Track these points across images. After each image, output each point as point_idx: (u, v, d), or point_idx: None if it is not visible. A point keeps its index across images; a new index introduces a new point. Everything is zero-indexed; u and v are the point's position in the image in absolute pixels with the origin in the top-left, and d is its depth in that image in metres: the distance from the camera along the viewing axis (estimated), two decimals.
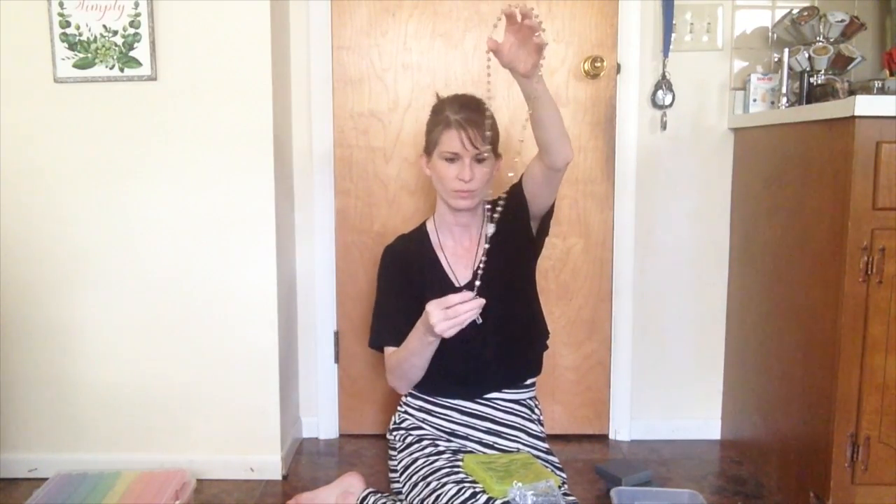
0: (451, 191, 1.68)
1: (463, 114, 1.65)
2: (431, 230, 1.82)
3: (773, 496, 2.00)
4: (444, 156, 1.67)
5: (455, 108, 1.67)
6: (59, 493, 1.88)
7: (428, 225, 1.84)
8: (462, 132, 1.63)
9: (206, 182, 2.03)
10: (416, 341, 1.59)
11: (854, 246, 1.66)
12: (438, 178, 1.70)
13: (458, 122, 1.64)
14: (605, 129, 2.31)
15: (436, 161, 1.69)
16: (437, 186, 1.74)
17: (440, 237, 1.80)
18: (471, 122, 1.63)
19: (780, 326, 1.99)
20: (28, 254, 2.05)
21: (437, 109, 1.73)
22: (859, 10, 2.18)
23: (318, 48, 2.27)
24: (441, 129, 1.66)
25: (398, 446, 1.73)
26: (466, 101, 1.70)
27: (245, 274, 2.06)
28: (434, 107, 1.76)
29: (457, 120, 1.64)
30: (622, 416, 2.40)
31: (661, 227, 2.35)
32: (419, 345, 1.58)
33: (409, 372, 1.69)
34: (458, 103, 1.69)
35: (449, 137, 1.65)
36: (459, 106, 1.67)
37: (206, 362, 2.09)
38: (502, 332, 1.72)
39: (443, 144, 1.66)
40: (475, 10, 2.26)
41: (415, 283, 1.73)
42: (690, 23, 2.26)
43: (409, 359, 1.64)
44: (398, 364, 1.69)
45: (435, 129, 1.69)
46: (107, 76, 1.98)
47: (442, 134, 1.66)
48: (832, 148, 1.72)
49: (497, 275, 1.53)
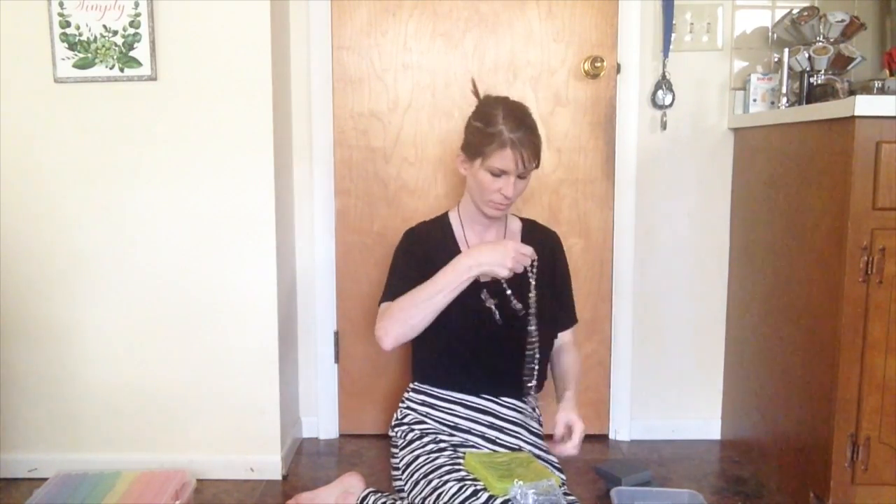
0: (489, 201, 1.67)
1: (520, 133, 1.61)
2: (455, 222, 1.81)
3: (773, 496, 2.00)
4: (491, 170, 1.64)
5: (511, 125, 1.61)
6: (59, 493, 1.88)
7: (451, 216, 1.82)
8: (517, 153, 1.60)
9: (206, 182, 2.03)
10: (451, 276, 1.58)
11: (854, 246, 1.66)
12: (478, 187, 1.68)
13: (513, 143, 1.60)
14: (605, 129, 2.31)
15: (479, 170, 1.66)
16: (473, 191, 1.71)
17: (465, 230, 1.79)
18: (526, 143, 1.61)
19: (780, 326, 1.99)
20: (28, 254, 2.05)
21: (488, 119, 1.64)
22: (859, 10, 2.18)
23: (318, 48, 2.27)
24: (496, 146, 1.61)
25: (400, 443, 1.73)
26: (522, 118, 1.64)
27: (245, 273, 2.06)
28: (484, 112, 1.68)
29: (513, 140, 1.60)
30: (622, 416, 2.40)
31: (661, 227, 2.35)
32: (453, 279, 1.58)
33: (419, 314, 1.61)
34: (515, 120, 1.62)
35: (503, 157, 1.61)
36: (516, 123, 1.62)
37: (207, 362, 2.09)
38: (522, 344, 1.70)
39: (494, 160, 1.62)
40: (475, 10, 2.26)
41: (435, 269, 1.68)
42: (690, 23, 2.26)
43: (432, 297, 1.59)
44: (412, 303, 1.61)
45: (487, 142, 1.62)
46: (107, 76, 1.98)
47: (496, 151, 1.61)
48: (832, 148, 1.72)
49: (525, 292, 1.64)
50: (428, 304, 1.60)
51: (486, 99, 1.73)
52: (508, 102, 1.69)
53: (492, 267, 1.56)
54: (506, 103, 1.68)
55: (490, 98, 1.73)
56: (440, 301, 1.60)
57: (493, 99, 1.72)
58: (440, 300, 1.60)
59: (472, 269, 1.57)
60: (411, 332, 1.64)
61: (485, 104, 1.71)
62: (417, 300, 1.61)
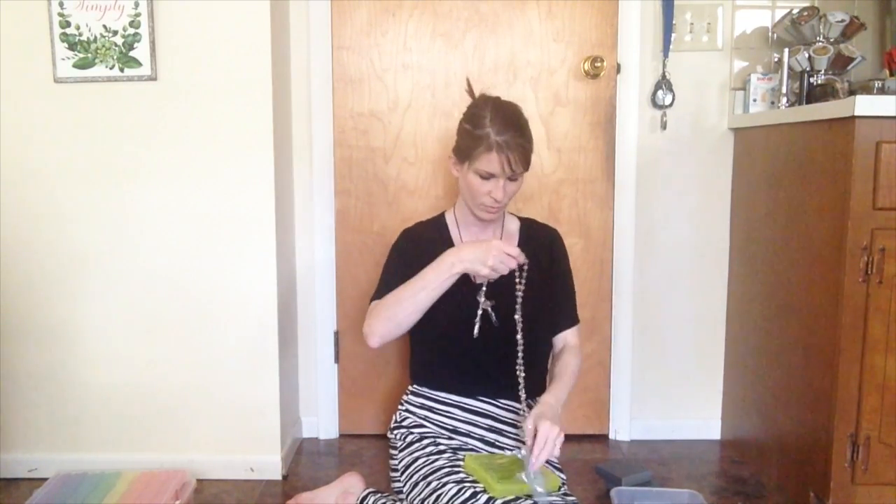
0: (480, 204, 1.66)
1: (507, 135, 1.56)
2: (451, 223, 1.79)
3: (773, 496, 2.00)
4: (479, 173, 1.61)
5: (498, 128, 1.56)
6: (59, 493, 1.88)
7: (447, 217, 1.81)
8: (503, 156, 1.57)
9: (206, 182, 2.03)
10: (434, 272, 1.57)
11: (854, 246, 1.66)
12: (469, 190, 1.66)
13: (500, 146, 1.56)
14: (605, 129, 2.31)
15: (468, 172, 1.63)
16: (465, 194, 1.70)
17: (461, 230, 1.78)
18: (513, 146, 1.57)
19: (780, 326, 1.99)
20: (28, 254, 2.05)
21: (476, 120, 1.60)
22: (859, 10, 2.18)
23: (318, 48, 2.27)
24: (483, 149, 1.58)
25: (399, 445, 1.73)
26: (510, 118, 1.60)
27: (245, 273, 2.06)
28: (472, 113, 1.64)
29: (499, 143, 1.56)
30: (622, 416, 2.40)
31: (661, 227, 2.35)
32: (435, 276, 1.56)
33: (402, 312, 1.60)
34: (502, 121, 1.58)
35: (490, 160, 1.58)
36: (503, 124, 1.57)
37: (207, 362, 2.09)
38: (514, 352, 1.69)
39: (481, 163, 1.59)
40: (475, 10, 2.26)
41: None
42: (690, 23, 2.26)
43: (416, 294, 1.58)
44: (396, 300, 1.61)
45: (474, 145, 1.59)
46: (107, 76, 1.98)
47: (483, 154, 1.58)
48: (832, 148, 1.72)
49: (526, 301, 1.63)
50: (411, 302, 1.59)
51: (477, 99, 1.69)
52: (498, 103, 1.64)
53: (473, 264, 1.53)
54: (495, 104, 1.63)
55: (481, 98, 1.68)
56: (424, 298, 1.59)
57: (483, 100, 1.67)
58: (423, 297, 1.59)
59: (454, 266, 1.55)
60: (397, 330, 1.63)
61: (474, 105, 1.67)
62: (401, 297, 1.60)
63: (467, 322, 1.66)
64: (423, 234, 1.79)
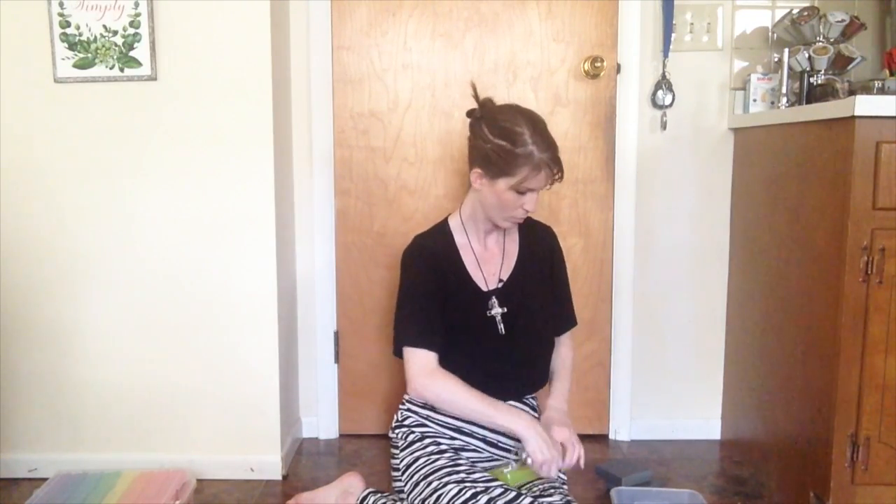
0: (510, 217, 1.65)
1: (549, 152, 1.58)
2: (457, 229, 1.75)
3: (773, 496, 2.00)
4: (519, 189, 1.60)
5: (542, 145, 1.57)
6: (59, 493, 1.88)
7: (451, 223, 1.77)
8: (550, 172, 1.59)
9: (206, 182, 2.03)
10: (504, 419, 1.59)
11: (854, 246, 1.66)
12: (500, 204, 1.63)
13: (547, 164, 1.57)
14: (605, 129, 2.31)
15: (502, 187, 1.60)
16: (490, 207, 1.66)
17: (469, 238, 1.75)
18: (556, 160, 1.59)
19: (780, 326, 1.99)
20: (28, 254, 2.05)
21: (514, 137, 1.58)
22: (859, 10, 2.18)
23: (318, 48, 2.27)
24: (529, 169, 1.56)
25: (400, 444, 1.73)
26: (546, 132, 1.61)
27: (245, 274, 2.06)
28: (507, 129, 1.59)
29: (545, 160, 1.57)
30: (622, 416, 2.40)
31: (661, 227, 2.35)
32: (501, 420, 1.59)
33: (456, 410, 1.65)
34: (542, 138, 1.59)
35: (536, 178, 1.58)
36: (545, 142, 1.58)
37: (207, 362, 2.09)
38: (526, 352, 1.73)
39: (526, 181, 1.58)
40: (475, 10, 2.26)
41: (444, 283, 1.69)
42: (690, 23, 2.26)
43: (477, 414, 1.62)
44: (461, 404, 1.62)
45: (518, 163, 1.57)
46: (107, 76, 1.98)
47: (528, 172, 1.57)
48: (832, 148, 1.72)
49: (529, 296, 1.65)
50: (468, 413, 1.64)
51: (501, 113, 1.65)
52: (529, 116, 1.62)
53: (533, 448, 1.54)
54: (527, 118, 1.61)
55: (506, 111, 1.65)
56: (477, 419, 1.64)
57: (510, 112, 1.64)
58: (477, 418, 1.64)
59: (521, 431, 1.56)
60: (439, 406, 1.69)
61: (503, 119, 1.62)
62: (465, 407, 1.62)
63: (476, 327, 1.69)
64: (430, 247, 1.74)
